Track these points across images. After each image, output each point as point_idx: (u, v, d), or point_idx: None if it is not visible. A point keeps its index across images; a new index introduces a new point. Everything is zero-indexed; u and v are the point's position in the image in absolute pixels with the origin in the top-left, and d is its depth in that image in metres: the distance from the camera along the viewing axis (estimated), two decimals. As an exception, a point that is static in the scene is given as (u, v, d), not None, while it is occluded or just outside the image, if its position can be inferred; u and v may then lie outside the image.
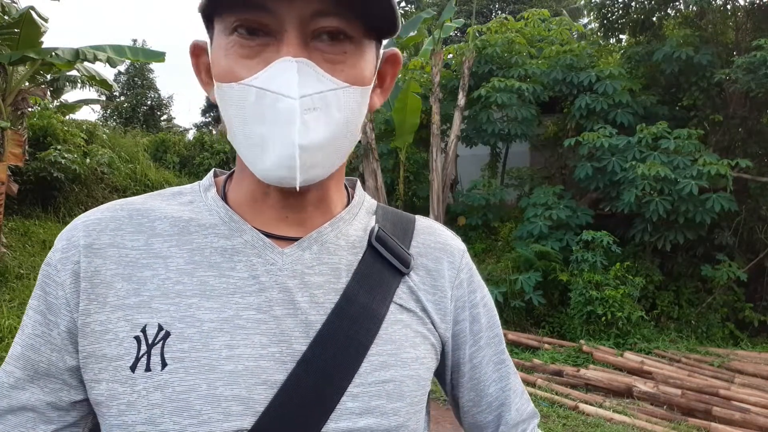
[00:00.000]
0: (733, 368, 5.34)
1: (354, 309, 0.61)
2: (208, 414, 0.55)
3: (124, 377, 0.56)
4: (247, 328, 0.58)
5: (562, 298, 6.65)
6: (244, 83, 0.55)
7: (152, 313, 0.57)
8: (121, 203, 0.64)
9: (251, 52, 0.55)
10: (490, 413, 0.74)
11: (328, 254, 0.63)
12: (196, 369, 0.56)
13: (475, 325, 0.72)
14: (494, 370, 0.74)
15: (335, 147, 0.58)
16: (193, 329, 0.57)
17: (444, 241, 0.73)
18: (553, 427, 4.12)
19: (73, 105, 11.47)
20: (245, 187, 0.63)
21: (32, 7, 6.33)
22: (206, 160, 14.23)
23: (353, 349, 0.59)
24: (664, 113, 7.46)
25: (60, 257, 0.59)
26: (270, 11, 0.53)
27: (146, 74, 21.61)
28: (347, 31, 0.56)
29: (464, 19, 11.85)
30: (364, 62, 0.59)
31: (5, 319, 5.40)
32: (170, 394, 0.55)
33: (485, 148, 8.69)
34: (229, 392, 0.55)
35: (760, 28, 7.42)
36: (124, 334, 0.57)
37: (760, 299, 6.88)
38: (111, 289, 0.58)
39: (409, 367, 0.63)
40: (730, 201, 6.11)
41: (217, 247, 0.61)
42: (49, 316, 0.59)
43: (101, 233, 0.60)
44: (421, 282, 0.68)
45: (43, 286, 0.60)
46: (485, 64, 8.36)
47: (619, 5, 8.23)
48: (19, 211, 8.79)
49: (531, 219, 7.02)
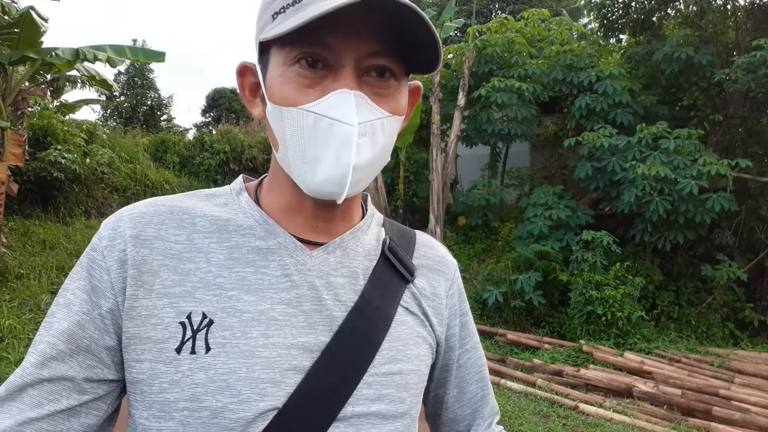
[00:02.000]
0: (733, 368, 5.34)
1: (369, 309, 0.69)
2: (246, 394, 0.62)
3: (169, 358, 0.62)
4: (280, 320, 0.65)
5: (562, 298, 6.65)
6: (303, 108, 0.61)
7: (196, 302, 0.64)
8: (160, 200, 0.70)
9: (311, 82, 0.62)
10: (469, 407, 0.86)
11: (349, 259, 0.72)
12: (236, 354, 0.63)
13: (464, 330, 0.83)
14: (476, 372, 0.86)
15: (376, 166, 0.66)
16: (234, 319, 0.64)
17: (441, 255, 0.83)
18: (553, 427, 4.11)
19: (73, 105, 11.47)
20: (280, 196, 0.71)
21: (32, 7, 6.33)
22: (206, 160, 14.21)
23: (368, 343, 0.68)
24: (664, 113, 7.46)
25: (107, 244, 0.65)
26: (331, 48, 0.61)
27: (146, 74, 21.61)
28: (394, 69, 0.65)
29: (464, 19, 11.85)
30: (402, 95, 0.68)
31: (5, 319, 5.40)
32: (213, 375, 0.62)
33: (485, 148, 8.69)
34: (264, 375, 0.63)
35: (760, 28, 7.43)
36: (169, 319, 0.63)
37: (760, 299, 6.88)
38: (157, 278, 0.64)
39: (413, 362, 0.72)
40: (730, 201, 6.11)
41: (253, 246, 0.68)
42: (93, 297, 0.64)
43: (146, 226, 0.66)
44: (423, 289, 0.77)
45: (88, 269, 0.65)
46: (485, 64, 8.37)
47: (619, 5, 8.23)
48: (19, 211, 8.79)
49: (531, 219, 7.02)
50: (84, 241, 8.63)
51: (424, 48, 0.63)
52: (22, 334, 5.45)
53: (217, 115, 22.40)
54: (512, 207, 8.54)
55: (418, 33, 0.61)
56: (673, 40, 7.17)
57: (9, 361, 4.91)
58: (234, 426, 0.61)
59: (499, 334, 6.21)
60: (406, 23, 0.60)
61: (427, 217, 7.78)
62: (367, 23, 0.61)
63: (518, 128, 7.77)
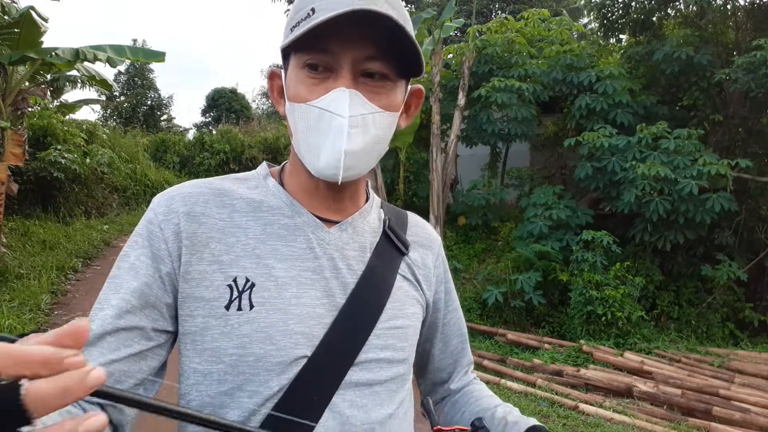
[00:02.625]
0: (733, 368, 5.34)
1: (375, 276, 0.85)
2: (283, 343, 0.76)
3: (219, 314, 0.76)
4: (306, 284, 0.80)
5: (562, 298, 6.65)
6: (309, 104, 0.76)
7: (240, 268, 0.78)
8: (203, 182, 0.85)
9: (316, 82, 0.76)
10: (451, 358, 1.05)
11: (358, 235, 0.87)
12: (274, 310, 0.77)
13: (448, 295, 1.01)
14: (457, 328, 1.04)
15: (368, 154, 0.78)
16: (271, 282, 0.78)
17: (430, 233, 1.00)
18: (553, 427, 4.12)
19: (73, 105, 11.45)
20: (300, 181, 0.85)
21: (32, 7, 6.33)
22: (206, 159, 14.24)
23: (375, 303, 0.83)
24: (664, 113, 7.46)
25: (162, 219, 0.79)
26: (332, 53, 0.74)
27: (146, 74, 21.61)
28: (386, 72, 0.77)
29: (464, 19, 11.85)
30: (395, 94, 0.80)
31: (5, 319, 5.39)
32: (257, 327, 0.75)
33: (485, 148, 8.68)
34: (297, 328, 0.77)
35: (760, 28, 7.42)
36: (218, 282, 0.77)
37: (760, 299, 6.88)
38: (207, 248, 0.78)
39: (410, 319, 0.88)
40: (730, 201, 6.11)
41: (282, 223, 0.83)
42: (154, 262, 0.77)
43: (195, 204, 0.80)
44: (415, 261, 0.93)
45: (147, 239, 0.78)
46: (485, 64, 8.36)
47: (619, 5, 8.22)
48: (19, 211, 8.79)
49: (531, 219, 7.02)
50: (84, 241, 8.63)
51: (410, 55, 0.76)
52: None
53: (217, 115, 22.39)
54: (512, 207, 8.54)
55: (405, 41, 0.74)
56: (673, 40, 7.16)
57: (9, 361, 4.91)
58: (273, 368, 0.75)
59: (499, 334, 6.21)
60: (394, 32, 0.72)
61: (427, 217, 7.78)
62: (363, 33, 0.73)
63: (518, 128, 7.77)
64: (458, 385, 1.05)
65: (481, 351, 5.78)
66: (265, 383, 0.75)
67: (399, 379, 0.86)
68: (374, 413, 0.80)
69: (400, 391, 0.86)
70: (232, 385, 0.75)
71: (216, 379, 0.76)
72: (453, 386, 1.05)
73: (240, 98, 22.97)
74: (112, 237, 9.52)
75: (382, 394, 0.83)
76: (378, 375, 0.82)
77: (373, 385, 0.82)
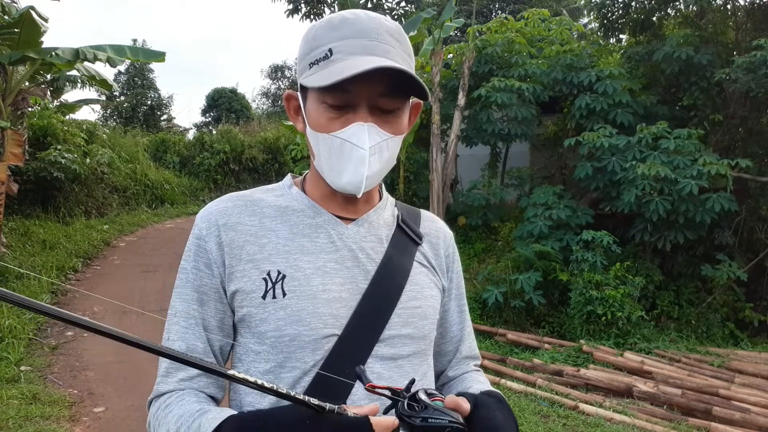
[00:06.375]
0: (733, 368, 5.34)
1: (392, 263, 0.97)
2: (313, 324, 0.89)
3: (258, 303, 0.91)
4: (331, 273, 0.93)
5: (562, 298, 6.64)
6: (332, 135, 0.89)
7: (272, 264, 0.92)
8: (236, 196, 1.00)
9: (337, 116, 0.88)
10: (451, 344, 1.13)
11: (374, 229, 0.99)
12: (304, 297, 0.90)
13: (451, 283, 1.10)
14: (458, 315, 1.13)
15: (383, 171, 0.93)
16: (300, 273, 0.91)
17: (441, 227, 1.12)
18: (553, 427, 4.11)
19: (73, 105, 11.45)
20: (320, 189, 0.99)
21: (32, 7, 6.33)
22: (206, 159, 14.22)
23: (394, 286, 0.96)
24: (664, 113, 7.45)
25: (206, 233, 0.95)
26: (350, 92, 0.86)
27: (146, 74, 21.58)
28: (396, 106, 0.90)
29: (464, 18, 11.84)
30: (403, 119, 0.94)
31: (5, 319, 5.39)
32: (290, 312, 0.89)
33: (485, 148, 8.68)
34: (326, 311, 0.90)
35: (760, 28, 7.42)
36: (255, 276, 0.91)
37: (760, 299, 6.87)
38: (243, 251, 0.93)
39: (428, 300, 1.00)
40: (730, 201, 6.10)
41: (306, 223, 0.96)
42: (207, 270, 0.94)
43: (230, 216, 0.96)
44: (428, 250, 1.05)
45: (196, 251, 0.95)
46: (485, 63, 8.36)
47: (619, 5, 8.22)
48: (19, 211, 8.79)
49: (531, 219, 7.01)
50: (84, 241, 8.64)
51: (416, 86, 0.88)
52: (23, 334, 5.43)
53: (217, 115, 22.38)
54: (512, 207, 8.53)
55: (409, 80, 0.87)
56: (673, 40, 7.16)
57: (9, 361, 4.89)
58: (307, 346, 0.89)
59: (499, 334, 6.21)
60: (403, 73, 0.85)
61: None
62: (377, 76, 0.84)
63: (518, 128, 7.76)
64: (456, 372, 1.13)
65: (481, 351, 5.77)
66: (302, 359, 0.89)
67: (420, 353, 0.98)
68: (400, 384, 0.86)
69: (422, 365, 0.98)
70: (274, 363, 0.90)
71: (263, 359, 0.91)
72: (450, 373, 1.13)
73: (240, 98, 22.95)
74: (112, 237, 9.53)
75: (406, 367, 0.95)
76: (401, 350, 0.94)
77: (397, 359, 0.94)
